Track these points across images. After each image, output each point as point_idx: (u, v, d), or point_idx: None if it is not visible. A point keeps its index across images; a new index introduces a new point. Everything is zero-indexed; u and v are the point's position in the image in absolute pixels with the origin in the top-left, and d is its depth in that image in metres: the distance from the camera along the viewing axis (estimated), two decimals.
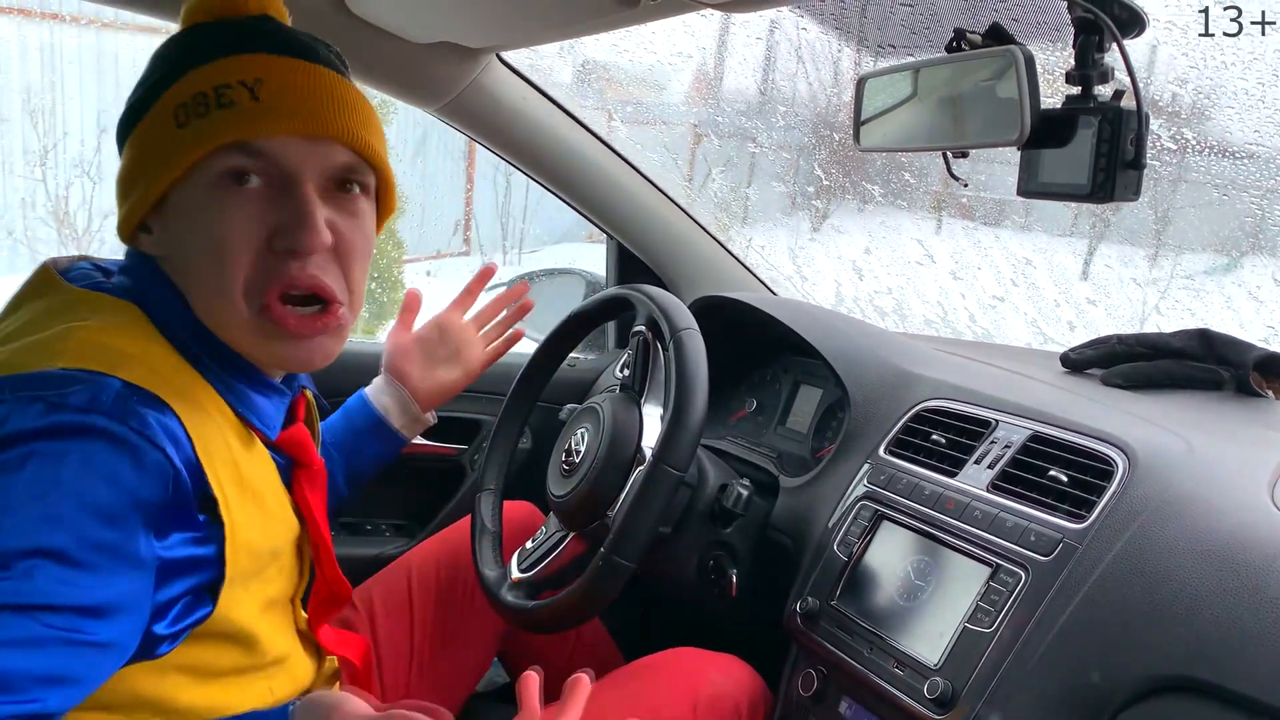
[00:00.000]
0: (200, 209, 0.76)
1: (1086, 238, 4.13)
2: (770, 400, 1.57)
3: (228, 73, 0.75)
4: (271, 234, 0.76)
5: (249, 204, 0.76)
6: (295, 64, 0.77)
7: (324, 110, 0.77)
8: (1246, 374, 1.16)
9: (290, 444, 0.88)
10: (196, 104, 0.74)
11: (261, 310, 0.78)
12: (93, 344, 0.71)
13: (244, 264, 0.76)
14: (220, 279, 0.76)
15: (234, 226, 0.76)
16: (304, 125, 0.76)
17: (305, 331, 0.80)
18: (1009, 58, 0.83)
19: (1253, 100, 1.93)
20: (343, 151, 0.79)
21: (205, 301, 0.78)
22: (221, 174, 0.75)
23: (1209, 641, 0.78)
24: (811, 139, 5.31)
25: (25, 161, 4.65)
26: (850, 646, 1.04)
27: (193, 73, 0.76)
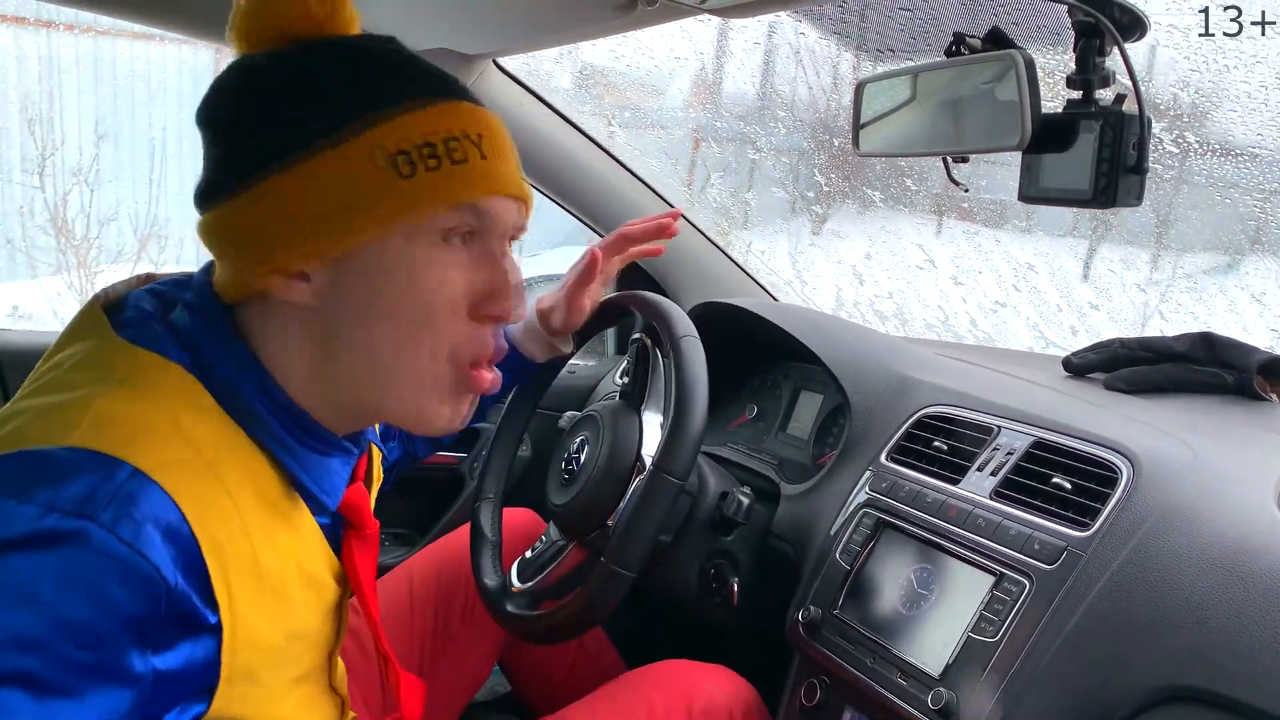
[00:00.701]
0: (407, 267, 0.69)
1: (1087, 239, 4.13)
2: (770, 406, 1.56)
3: (452, 123, 0.69)
4: (481, 299, 0.73)
5: (459, 265, 0.71)
6: (494, 118, 0.74)
7: (518, 169, 0.75)
8: (1250, 377, 1.15)
9: (346, 508, 0.81)
10: (424, 154, 0.68)
11: (468, 371, 0.74)
12: (111, 416, 0.64)
13: (453, 327, 0.72)
14: (422, 341, 0.71)
15: (446, 288, 0.71)
16: (516, 187, 0.73)
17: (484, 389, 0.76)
18: (1009, 62, 0.83)
19: (1255, 103, 1.92)
20: (524, 210, 0.76)
21: (389, 369, 0.71)
22: (438, 232, 0.70)
23: (1216, 650, 0.78)
24: (811, 143, 5.31)
25: (23, 169, 4.65)
26: (853, 656, 1.03)
27: (407, 117, 0.68)
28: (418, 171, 0.67)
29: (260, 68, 0.70)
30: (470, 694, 1.32)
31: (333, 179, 0.67)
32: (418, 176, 0.67)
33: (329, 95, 0.68)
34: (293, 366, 0.72)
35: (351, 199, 0.67)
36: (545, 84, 1.55)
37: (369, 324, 0.70)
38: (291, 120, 0.68)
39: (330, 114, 0.68)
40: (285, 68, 0.70)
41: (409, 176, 0.67)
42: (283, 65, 0.70)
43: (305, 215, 0.67)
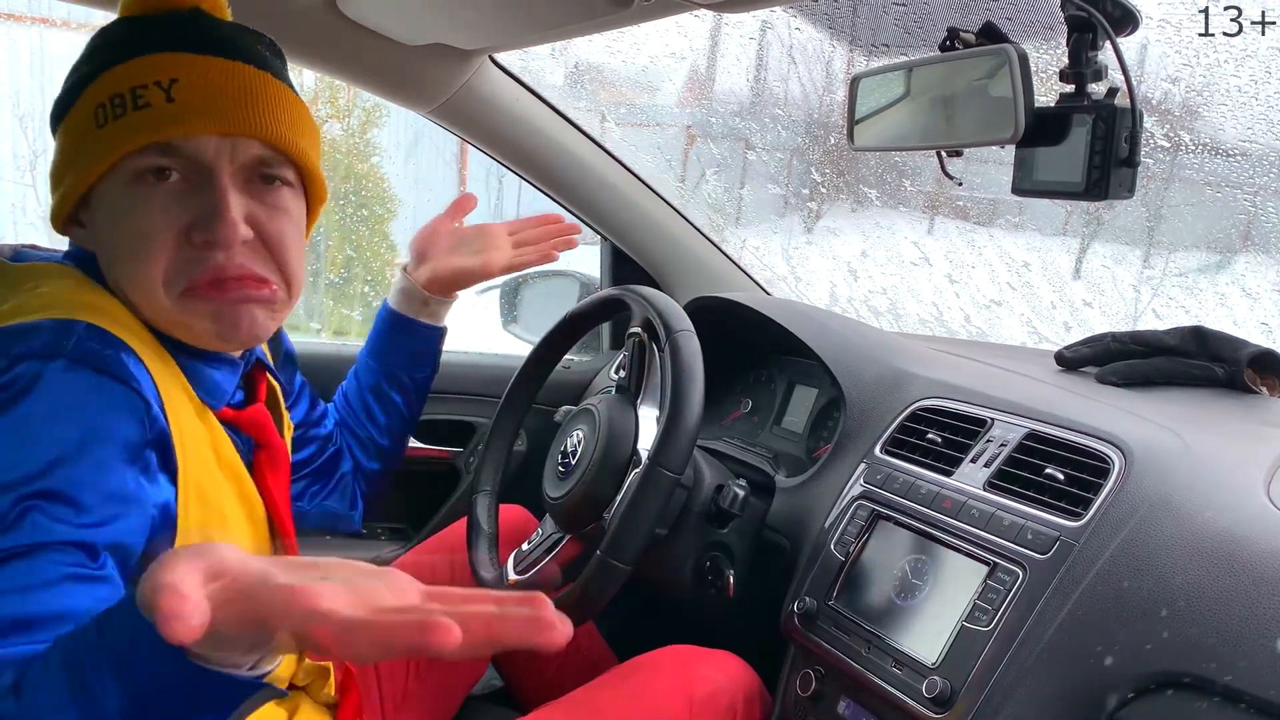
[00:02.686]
0: (121, 205, 0.78)
1: (1079, 236, 4.14)
2: (765, 400, 1.57)
3: (144, 73, 0.77)
4: (189, 227, 0.78)
5: (167, 199, 0.78)
6: (211, 62, 0.79)
7: (238, 108, 0.78)
8: (1241, 370, 1.16)
9: (247, 422, 0.88)
10: (114, 105, 0.76)
11: (183, 294, 0.79)
12: (46, 301, 0.74)
13: (163, 258, 0.78)
14: (142, 271, 0.78)
15: (152, 221, 0.77)
16: (217, 124, 0.77)
17: (231, 298, 0.80)
18: (1002, 56, 0.83)
19: (1245, 98, 1.93)
20: (257, 146, 0.80)
21: (131, 293, 0.79)
22: (140, 171, 0.77)
23: (1207, 637, 0.78)
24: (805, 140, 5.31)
25: (15, 167, 4.63)
26: (848, 646, 1.04)
27: (111, 71, 0.78)
28: (109, 121, 0.76)
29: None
30: (466, 689, 1.33)
31: (69, 132, 0.80)
32: (108, 125, 0.76)
33: (89, 60, 0.80)
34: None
35: (73, 148, 0.79)
36: (540, 80, 1.56)
37: (114, 262, 0.79)
38: (70, 84, 0.81)
39: (84, 78, 0.79)
40: (91, 40, 0.83)
41: (103, 126, 0.76)
42: (92, 37, 0.83)
43: (59, 164, 0.81)
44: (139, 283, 0.78)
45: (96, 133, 0.76)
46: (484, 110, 1.51)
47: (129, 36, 0.80)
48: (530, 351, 1.39)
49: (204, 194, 0.78)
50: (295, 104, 0.84)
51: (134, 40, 0.79)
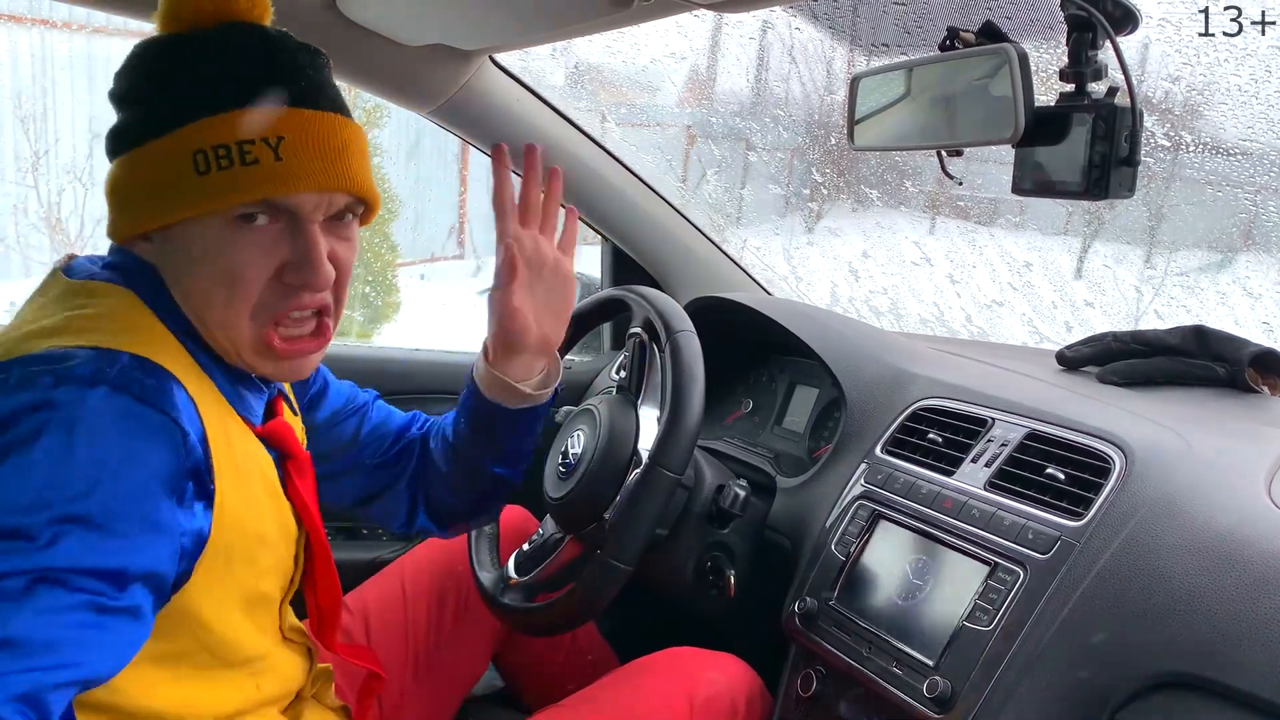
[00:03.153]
0: (211, 244, 0.79)
1: (1080, 236, 4.14)
2: (766, 400, 1.57)
3: (250, 127, 0.78)
4: (280, 268, 0.81)
5: (260, 242, 0.80)
6: (310, 116, 0.80)
7: (336, 164, 0.81)
8: (1242, 370, 1.16)
9: (275, 435, 0.90)
10: (218, 155, 0.77)
11: (263, 332, 0.82)
12: (93, 324, 0.75)
13: (254, 294, 0.81)
14: (230, 306, 0.81)
15: (247, 261, 0.80)
16: (320, 183, 0.80)
17: (298, 353, 0.85)
18: (1002, 56, 0.83)
19: (1245, 97, 1.93)
20: (345, 195, 0.83)
21: (210, 319, 0.82)
22: (236, 216, 0.79)
23: (1207, 638, 0.78)
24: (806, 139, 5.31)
25: (17, 168, 4.64)
26: (849, 646, 1.04)
27: (212, 119, 0.78)
28: (211, 170, 0.77)
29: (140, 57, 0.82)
30: (466, 690, 1.33)
31: (155, 165, 0.79)
32: (211, 174, 0.77)
33: (168, 86, 0.80)
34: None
35: (162, 184, 0.78)
36: (540, 80, 1.56)
37: (194, 288, 0.81)
38: (147, 111, 0.80)
39: (171, 112, 0.78)
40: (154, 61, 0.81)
41: (204, 173, 0.77)
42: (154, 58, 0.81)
43: (134, 189, 0.80)
44: (223, 313, 0.81)
45: (195, 178, 0.77)
46: (484, 111, 1.51)
47: (225, 77, 0.79)
48: None
49: (296, 239, 0.81)
50: (365, 142, 0.87)
51: (232, 83, 0.79)
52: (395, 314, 5.13)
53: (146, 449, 0.70)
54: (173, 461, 0.72)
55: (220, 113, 0.78)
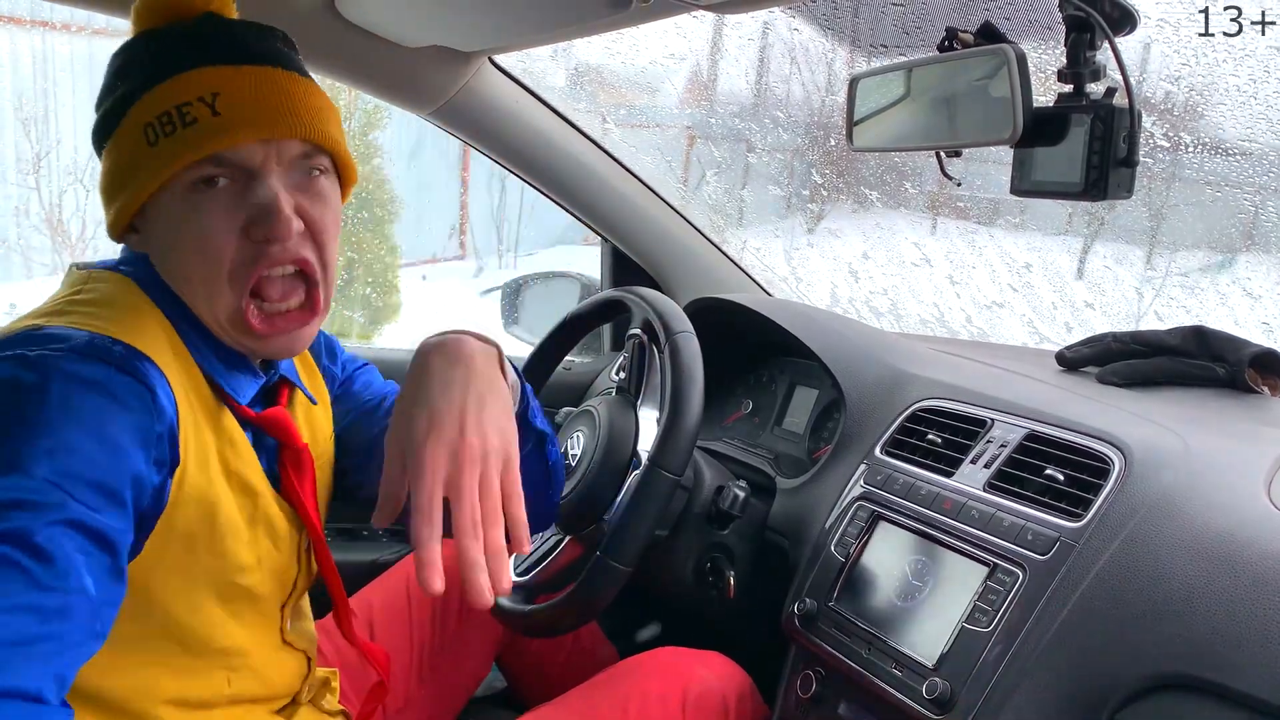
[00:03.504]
0: (178, 214, 0.82)
1: (1081, 236, 4.14)
2: (766, 401, 1.57)
3: (187, 90, 0.81)
4: (246, 225, 0.82)
5: (221, 202, 0.82)
6: (246, 72, 0.83)
7: (278, 113, 0.83)
8: (1242, 370, 1.16)
9: (270, 422, 0.90)
10: (163, 123, 0.80)
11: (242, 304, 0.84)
12: (79, 308, 0.79)
13: (226, 256, 0.82)
14: (205, 270, 0.83)
15: (211, 224, 0.82)
16: (261, 131, 0.82)
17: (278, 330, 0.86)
18: (1001, 56, 0.83)
19: (1245, 97, 1.93)
20: (297, 144, 0.85)
21: (193, 292, 0.84)
22: (194, 181, 0.81)
23: (1206, 639, 0.78)
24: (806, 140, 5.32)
25: (18, 170, 4.64)
26: (848, 648, 1.04)
27: (156, 89, 0.81)
28: (160, 139, 0.80)
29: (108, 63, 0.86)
30: (470, 692, 1.33)
31: (119, 150, 0.83)
32: (159, 143, 0.80)
33: (128, 76, 0.83)
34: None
35: (126, 166, 0.83)
36: (540, 82, 1.56)
37: (175, 265, 0.84)
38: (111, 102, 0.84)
39: (128, 96, 0.82)
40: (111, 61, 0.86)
41: (154, 144, 0.80)
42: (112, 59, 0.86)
43: (111, 180, 0.85)
44: (205, 280, 0.83)
45: (149, 150, 0.81)
46: (484, 112, 1.51)
47: (161, 53, 0.83)
48: (531, 353, 1.39)
49: (256, 194, 0.82)
50: (321, 96, 0.88)
51: (168, 57, 0.82)
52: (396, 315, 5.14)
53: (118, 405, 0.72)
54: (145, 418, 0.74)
55: (156, 84, 0.81)
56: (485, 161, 1.62)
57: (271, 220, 0.82)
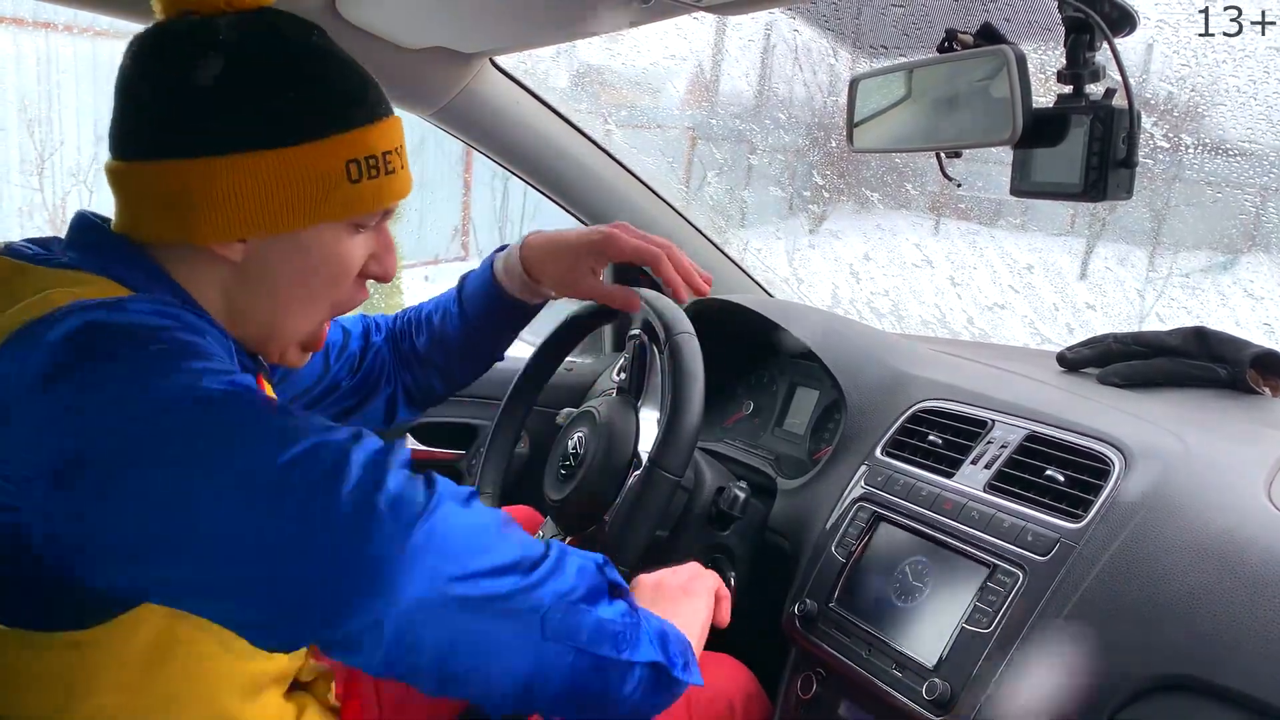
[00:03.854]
0: (328, 244, 0.82)
1: (1084, 237, 4.13)
2: (767, 402, 1.57)
3: (388, 138, 0.83)
4: (364, 263, 0.87)
5: (364, 242, 0.86)
6: (397, 124, 0.86)
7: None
8: (1243, 371, 1.16)
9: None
10: (370, 165, 0.80)
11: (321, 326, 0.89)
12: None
13: (345, 286, 0.86)
14: (317, 304, 0.85)
15: (353, 260, 0.85)
16: (410, 189, 0.87)
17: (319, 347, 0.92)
18: (1001, 57, 0.83)
19: (1245, 98, 1.92)
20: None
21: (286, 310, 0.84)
22: (355, 223, 0.83)
23: (1206, 640, 0.78)
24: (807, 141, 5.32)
25: (22, 171, 4.64)
26: (849, 648, 1.04)
27: (371, 129, 0.80)
28: (363, 179, 0.80)
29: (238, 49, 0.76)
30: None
31: (295, 169, 0.77)
32: (362, 183, 0.80)
33: (306, 100, 0.77)
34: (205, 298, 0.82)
35: (304, 187, 0.77)
36: (542, 83, 1.56)
37: (284, 286, 0.82)
38: (273, 114, 0.76)
39: (306, 118, 0.77)
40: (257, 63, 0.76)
41: (356, 181, 0.79)
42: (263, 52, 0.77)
43: (268, 198, 0.76)
44: (313, 302, 0.85)
45: (349, 185, 0.79)
46: (485, 113, 1.51)
47: (365, 90, 0.82)
48: (532, 353, 1.39)
49: (380, 236, 0.88)
50: None
51: (375, 99, 0.82)
52: None
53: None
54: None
55: (368, 124, 0.80)
56: (488, 162, 1.63)
57: (389, 264, 0.89)
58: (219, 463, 0.63)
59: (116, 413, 0.63)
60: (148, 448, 0.62)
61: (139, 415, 0.63)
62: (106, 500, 0.62)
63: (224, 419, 0.65)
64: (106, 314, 0.67)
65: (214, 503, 0.62)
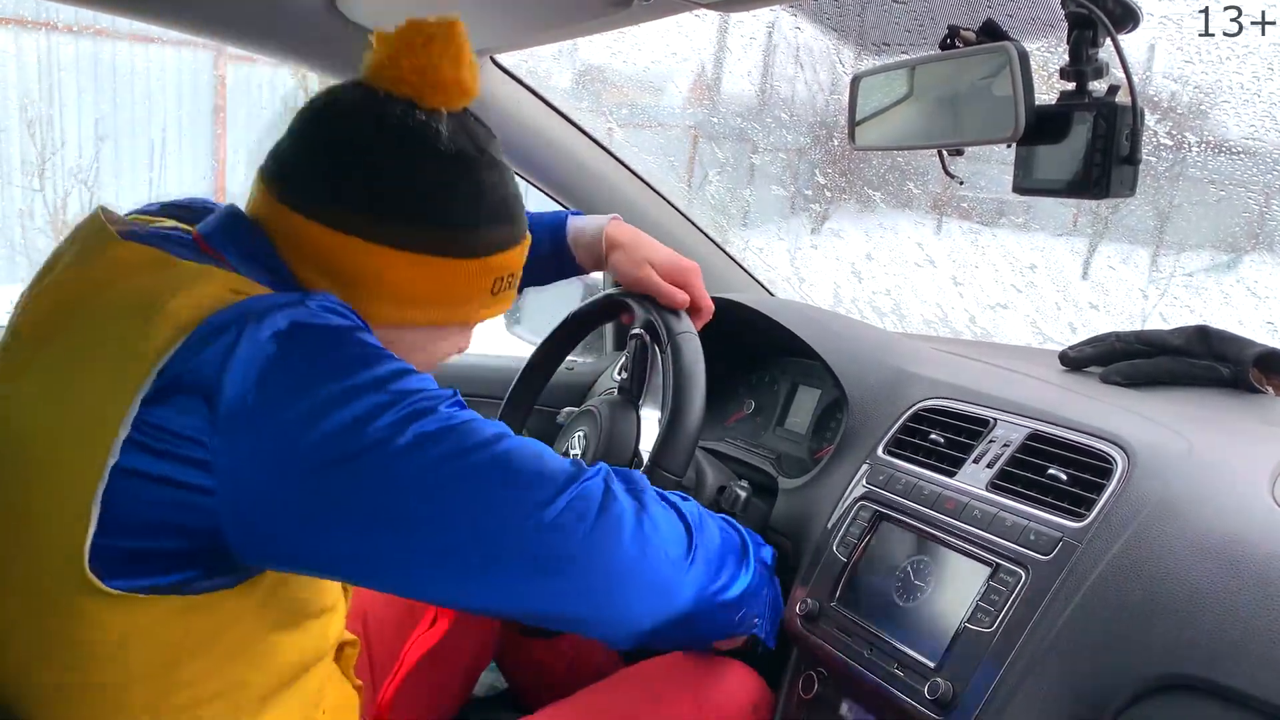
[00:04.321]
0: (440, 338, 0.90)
1: (1087, 236, 4.13)
2: (768, 401, 1.56)
3: (520, 259, 0.89)
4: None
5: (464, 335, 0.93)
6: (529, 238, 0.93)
7: None
8: (1246, 370, 1.15)
9: None
10: (508, 282, 0.88)
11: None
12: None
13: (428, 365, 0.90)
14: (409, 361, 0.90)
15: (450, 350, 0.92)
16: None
17: None
18: (1003, 54, 0.83)
19: (1248, 95, 1.92)
20: None
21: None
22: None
23: (1210, 640, 0.78)
24: (809, 140, 5.31)
25: (23, 171, 4.65)
26: (850, 648, 1.03)
27: (513, 251, 0.87)
28: (500, 291, 0.88)
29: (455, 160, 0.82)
30: (469, 689, 1.32)
31: (456, 279, 0.83)
32: (500, 295, 0.88)
33: (490, 220, 0.84)
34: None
35: (459, 293, 0.84)
36: (544, 81, 1.56)
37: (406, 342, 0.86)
38: (462, 227, 0.82)
39: (484, 237, 0.84)
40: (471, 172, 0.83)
41: (496, 294, 0.87)
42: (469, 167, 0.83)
43: (426, 299, 0.83)
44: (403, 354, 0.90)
45: (489, 297, 0.87)
46: (484, 111, 1.50)
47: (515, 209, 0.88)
48: (533, 352, 1.38)
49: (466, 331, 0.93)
50: None
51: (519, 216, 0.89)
52: None
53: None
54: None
55: (517, 245, 0.88)
56: None
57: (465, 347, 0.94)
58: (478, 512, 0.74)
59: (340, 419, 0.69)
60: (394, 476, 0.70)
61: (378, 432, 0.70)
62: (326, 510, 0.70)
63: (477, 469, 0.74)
64: (308, 314, 0.71)
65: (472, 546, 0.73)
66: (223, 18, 1.28)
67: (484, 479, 0.73)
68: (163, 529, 0.68)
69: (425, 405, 0.72)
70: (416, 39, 0.80)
